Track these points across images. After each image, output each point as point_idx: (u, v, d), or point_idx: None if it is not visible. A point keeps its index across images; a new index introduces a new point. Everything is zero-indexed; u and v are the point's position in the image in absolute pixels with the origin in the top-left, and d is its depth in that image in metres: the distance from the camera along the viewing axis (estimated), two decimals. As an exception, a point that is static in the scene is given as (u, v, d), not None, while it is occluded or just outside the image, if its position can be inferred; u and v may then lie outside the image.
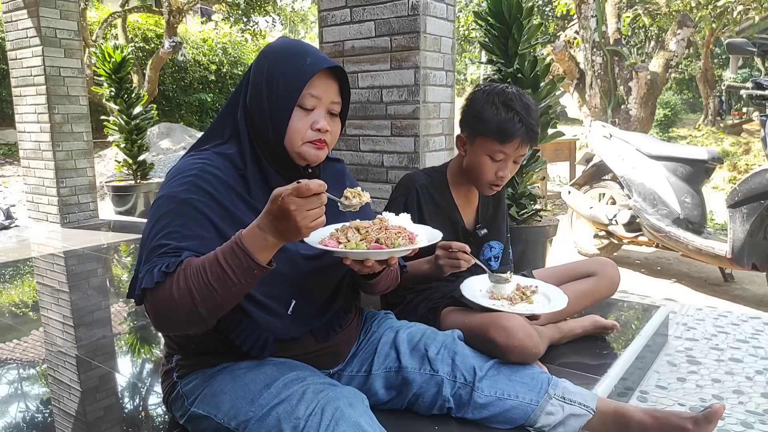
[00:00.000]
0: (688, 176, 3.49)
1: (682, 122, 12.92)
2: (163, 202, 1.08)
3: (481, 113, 1.58)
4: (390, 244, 1.05)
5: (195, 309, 0.95)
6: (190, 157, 1.16)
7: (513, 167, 1.63)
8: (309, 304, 1.20)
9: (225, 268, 0.94)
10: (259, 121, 1.14)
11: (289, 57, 1.14)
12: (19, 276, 3.13)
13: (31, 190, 4.63)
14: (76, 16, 4.42)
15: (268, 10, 11.76)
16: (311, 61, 1.12)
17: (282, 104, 1.11)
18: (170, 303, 0.96)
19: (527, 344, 1.33)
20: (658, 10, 10.23)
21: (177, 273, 0.97)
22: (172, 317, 0.98)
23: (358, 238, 1.06)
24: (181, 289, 0.95)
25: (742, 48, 3.24)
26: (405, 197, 1.66)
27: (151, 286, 0.97)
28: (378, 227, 1.08)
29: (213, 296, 0.95)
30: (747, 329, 2.42)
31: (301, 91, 1.11)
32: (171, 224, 1.04)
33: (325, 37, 2.65)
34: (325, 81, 1.14)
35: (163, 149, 8.75)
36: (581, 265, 1.91)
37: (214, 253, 0.96)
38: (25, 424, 1.50)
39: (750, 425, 1.66)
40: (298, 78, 1.11)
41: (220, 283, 0.94)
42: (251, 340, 1.14)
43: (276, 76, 1.12)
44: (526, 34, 2.86)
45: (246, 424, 1.05)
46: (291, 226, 0.92)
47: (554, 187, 6.96)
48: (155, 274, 0.97)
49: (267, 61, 1.15)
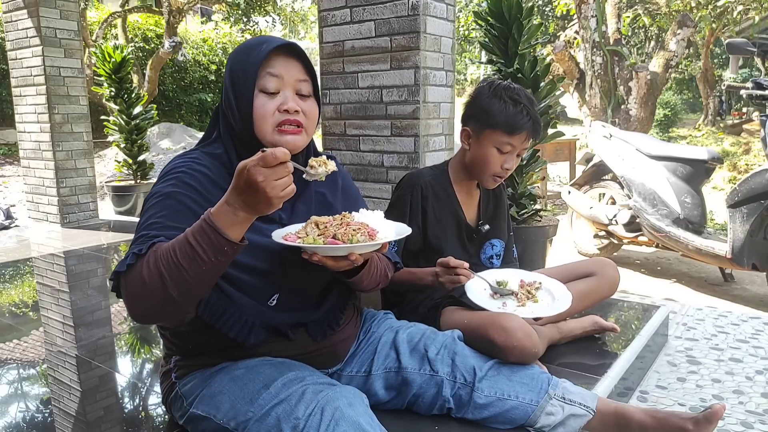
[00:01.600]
0: (688, 176, 3.49)
1: (682, 122, 12.91)
2: (149, 198, 1.08)
3: (489, 107, 1.61)
4: (347, 240, 1.02)
5: (166, 291, 0.92)
6: (180, 157, 1.16)
7: (516, 161, 1.68)
8: (295, 297, 1.19)
9: (194, 246, 0.91)
10: (231, 119, 1.14)
11: (247, 48, 1.14)
12: (19, 276, 3.13)
13: (31, 190, 4.63)
14: (76, 16, 4.42)
15: (268, 10, 11.75)
16: (265, 46, 1.12)
17: (243, 92, 1.11)
18: (141, 287, 0.93)
19: (526, 344, 1.33)
20: (658, 10, 10.23)
21: (148, 255, 0.94)
22: (144, 301, 0.95)
23: (316, 233, 1.04)
24: (151, 271, 0.92)
25: (742, 48, 3.24)
26: (410, 194, 1.68)
27: (123, 269, 0.95)
28: (338, 223, 1.07)
29: (183, 277, 0.92)
30: (747, 329, 2.41)
31: (257, 72, 1.10)
32: (153, 216, 1.04)
33: (325, 37, 2.65)
34: (284, 60, 1.13)
35: (163, 149, 8.75)
36: (581, 266, 1.91)
37: (183, 234, 0.94)
38: (25, 424, 1.50)
39: (750, 425, 1.66)
40: (252, 62, 1.10)
41: (190, 262, 0.91)
42: (237, 326, 1.13)
43: (236, 69, 1.13)
44: (526, 34, 2.86)
45: (245, 425, 1.05)
46: (261, 198, 0.89)
47: (554, 187, 6.96)
48: (128, 257, 0.96)
49: (230, 61, 1.16)
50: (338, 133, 2.68)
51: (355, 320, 1.36)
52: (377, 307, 1.67)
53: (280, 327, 1.18)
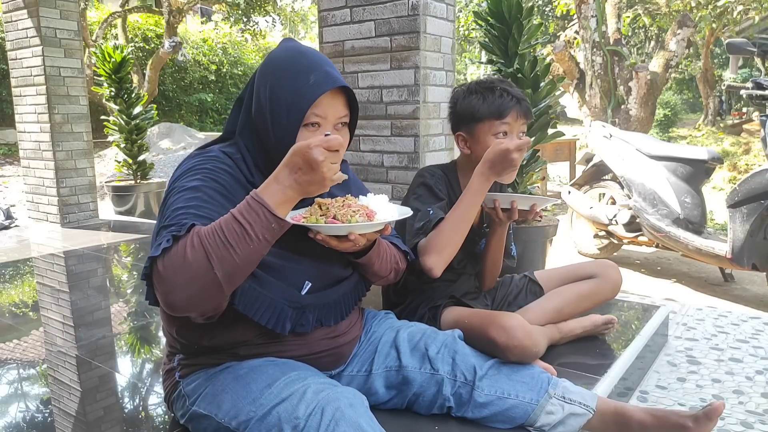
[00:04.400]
0: (688, 176, 3.49)
1: (682, 122, 12.92)
2: (171, 192, 1.06)
3: (469, 105, 1.61)
4: (345, 220, 1.07)
5: (211, 272, 0.90)
6: (199, 155, 1.15)
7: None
8: (321, 285, 1.19)
9: (243, 223, 0.91)
10: (264, 137, 1.14)
11: (293, 75, 1.11)
12: (19, 276, 3.14)
13: (31, 190, 4.63)
14: (76, 16, 4.42)
15: (268, 10, 11.76)
16: (314, 81, 1.09)
17: (286, 128, 1.10)
18: (184, 267, 0.90)
19: (527, 344, 1.33)
20: (658, 10, 10.23)
21: (190, 235, 0.92)
22: (185, 284, 0.91)
23: (319, 213, 1.09)
24: (195, 250, 0.90)
25: (742, 48, 3.24)
26: (432, 176, 1.67)
27: (157, 253, 0.91)
28: (339, 204, 1.11)
29: (231, 257, 0.91)
30: (747, 329, 2.42)
31: (305, 113, 1.09)
32: (181, 207, 1.01)
33: (325, 37, 2.65)
34: (330, 100, 1.12)
35: (163, 149, 8.76)
36: (583, 267, 1.91)
37: (229, 213, 0.94)
38: (25, 424, 1.50)
39: (750, 425, 1.66)
40: (301, 101, 1.09)
41: (238, 240, 0.91)
42: (269, 314, 1.11)
43: (278, 96, 1.10)
44: (526, 34, 2.86)
45: (246, 424, 1.05)
46: (317, 178, 0.93)
47: (554, 187, 6.96)
48: (163, 241, 0.92)
49: (270, 77, 1.13)
50: (338, 133, 2.68)
51: (359, 322, 1.37)
52: (378, 307, 1.67)
53: (306, 320, 1.17)
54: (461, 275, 1.74)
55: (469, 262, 1.76)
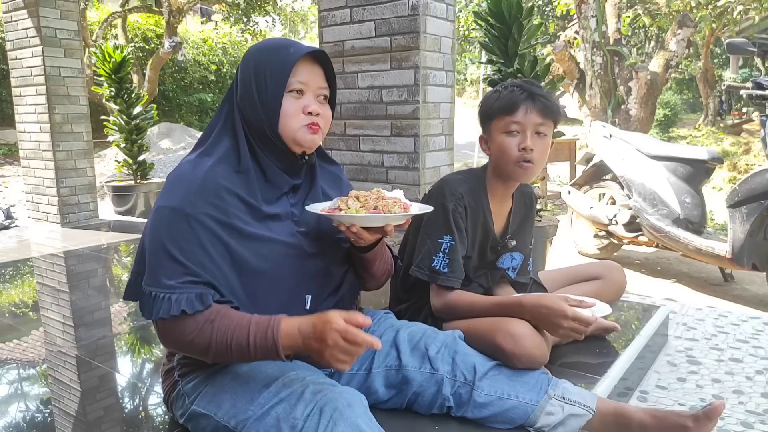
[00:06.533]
0: (688, 176, 3.49)
1: (682, 122, 12.92)
2: (167, 213, 1.07)
3: (485, 104, 1.61)
4: (387, 211, 1.13)
5: (206, 355, 1.06)
6: (189, 162, 1.15)
7: (536, 140, 1.54)
8: (321, 294, 1.23)
9: (250, 345, 1.02)
10: (251, 115, 1.16)
11: (273, 50, 1.18)
12: (19, 276, 3.13)
13: (31, 190, 4.63)
14: (76, 16, 4.42)
15: (268, 10, 11.76)
16: (294, 50, 1.16)
17: (272, 93, 1.14)
18: (185, 343, 1.06)
19: (535, 353, 1.32)
20: (658, 10, 10.23)
21: (203, 322, 1.04)
22: (181, 348, 1.11)
23: (358, 206, 1.14)
24: (203, 337, 1.04)
25: (742, 48, 3.24)
26: (453, 204, 1.58)
27: (167, 316, 1.03)
28: (375, 197, 1.17)
29: (228, 357, 1.05)
30: (747, 329, 2.41)
31: (289, 76, 1.14)
32: (180, 242, 1.06)
33: (325, 37, 2.65)
34: (309, 68, 1.18)
35: (163, 149, 8.76)
36: (587, 268, 1.90)
37: (247, 327, 1.03)
38: (25, 424, 1.50)
39: (750, 425, 1.66)
40: (284, 65, 1.14)
41: (240, 353, 1.03)
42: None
43: (263, 69, 1.15)
44: (526, 34, 2.86)
45: (245, 423, 1.05)
46: (317, 355, 0.99)
47: (554, 187, 6.95)
48: (173, 306, 1.03)
49: (252, 59, 1.19)
50: (338, 133, 2.69)
51: None
52: (378, 307, 1.67)
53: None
54: (472, 283, 1.69)
55: (484, 274, 1.71)
